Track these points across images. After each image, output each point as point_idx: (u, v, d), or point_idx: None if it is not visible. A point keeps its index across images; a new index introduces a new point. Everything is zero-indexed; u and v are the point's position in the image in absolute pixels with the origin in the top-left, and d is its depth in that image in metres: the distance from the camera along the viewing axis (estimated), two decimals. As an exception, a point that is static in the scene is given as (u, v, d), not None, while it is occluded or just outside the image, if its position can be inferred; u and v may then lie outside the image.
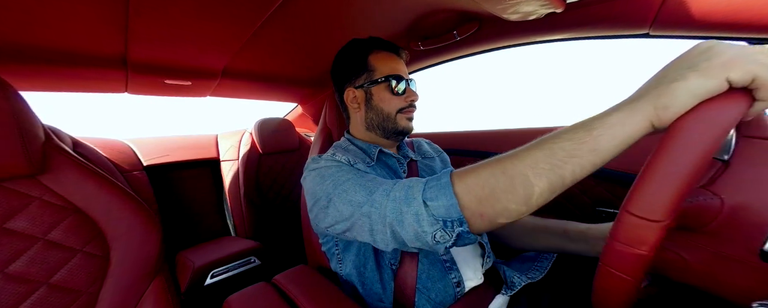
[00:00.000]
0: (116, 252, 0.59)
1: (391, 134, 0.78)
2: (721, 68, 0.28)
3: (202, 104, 1.76)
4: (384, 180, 0.56)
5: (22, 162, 0.52)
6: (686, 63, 0.31)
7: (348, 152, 0.74)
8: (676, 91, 0.30)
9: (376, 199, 0.51)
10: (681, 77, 0.30)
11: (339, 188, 0.58)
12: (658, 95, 0.31)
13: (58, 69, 0.98)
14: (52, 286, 0.53)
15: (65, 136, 1.01)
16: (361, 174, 0.60)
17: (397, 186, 0.51)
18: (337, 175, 0.61)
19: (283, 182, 1.69)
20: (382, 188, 0.52)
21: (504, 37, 1.02)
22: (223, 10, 0.79)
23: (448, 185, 0.44)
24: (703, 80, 0.29)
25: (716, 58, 0.29)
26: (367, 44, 0.78)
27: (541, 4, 0.76)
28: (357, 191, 0.55)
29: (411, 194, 0.47)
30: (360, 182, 0.56)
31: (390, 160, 0.80)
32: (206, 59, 1.10)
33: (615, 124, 0.32)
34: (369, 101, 0.77)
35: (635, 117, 0.32)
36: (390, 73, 0.75)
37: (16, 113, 0.51)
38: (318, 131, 1.00)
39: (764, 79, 0.28)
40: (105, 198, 0.59)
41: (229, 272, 1.30)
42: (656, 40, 0.76)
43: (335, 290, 0.69)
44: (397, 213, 0.48)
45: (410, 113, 0.78)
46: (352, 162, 0.69)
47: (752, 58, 0.28)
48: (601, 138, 0.33)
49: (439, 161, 0.91)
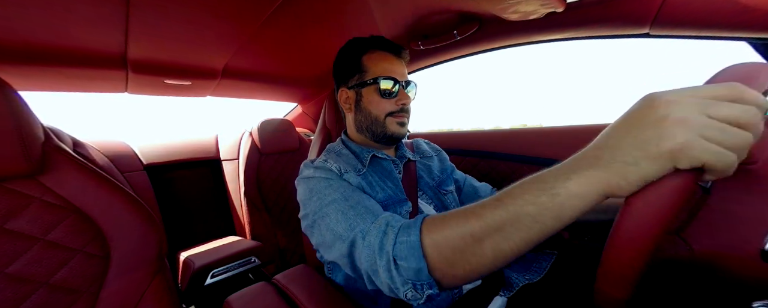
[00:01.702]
0: (116, 252, 0.59)
1: (380, 138, 0.76)
2: (670, 157, 0.29)
3: (202, 105, 1.76)
4: (366, 207, 0.55)
5: (21, 162, 0.52)
6: (640, 139, 0.31)
7: (340, 158, 0.73)
8: (629, 175, 0.31)
9: (356, 241, 0.51)
10: (634, 161, 0.31)
11: (323, 210, 0.59)
12: (614, 173, 0.32)
13: (58, 69, 0.98)
14: (52, 286, 0.53)
15: (65, 136, 1.01)
16: (345, 195, 0.59)
17: (373, 228, 0.50)
18: (324, 193, 0.61)
19: (283, 183, 1.70)
20: (360, 226, 0.52)
21: (504, 37, 1.02)
22: (223, 10, 0.79)
23: (417, 245, 0.43)
24: (653, 168, 0.30)
25: (667, 141, 0.29)
26: (363, 44, 0.76)
27: (541, 4, 0.76)
28: (339, 221, 0.55)
29: (384, 243, 0.47)
30: (342, 209, 0.56)
31: (384, 162, 0.78)
32: (206, 59, 1.10)
33: (574, 195, 0.34)
34: (359, 103, 0.76)
35: (593, 188, 0.33)
36: (381, 75, 0.72)
37: (15, 113, 0.51)
38: (317, 131, 1.00)
39: (712, 165, 0.28)
40: (105, 198, 0.59)
41: (230, 272, 1.30)
42: (656, 39, 0.76)
43: (335, 289, 0.69)
44: (371, 263, 0.48)
45: (401, 118, 0.74)
46: (343, 171, 0.68)
47: (703, 147, 0.28)
48: (563, 207, 0.34)
49: (437, 160, 0.90)
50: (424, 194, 0.79)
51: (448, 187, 0.84)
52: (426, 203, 0.78)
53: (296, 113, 2.01)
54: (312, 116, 1.94)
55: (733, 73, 0.33)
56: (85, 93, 1.26)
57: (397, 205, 0.71)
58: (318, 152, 0.93)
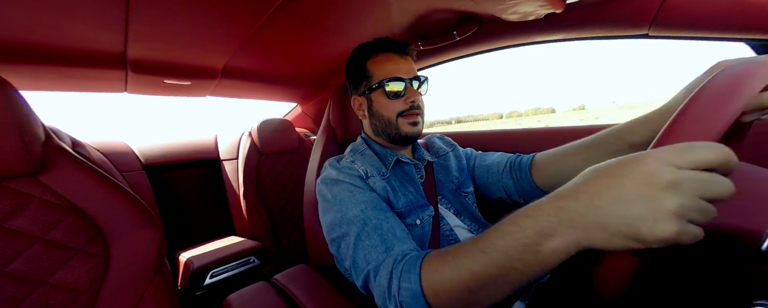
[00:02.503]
0: (116, 251, 0.59)
1: (396, 140, 0.77)
2: (658, 242, 0.29)
3: (202, 105, 1.76)
4: (382, 234, 0.59)
5: (22, 161, 0.52)
6: (632, 214, 0.30)
7: (365, 158, 0.75)
8: (613, 242, 0.32)
9: (369, 276, 0.56)
10: (620, 234, 0.31)
11: (344, 228, 0.62)
12: (598, 237, 0.33)
13: (58, 69, 0.98)
14: (52, 285, 0.53)
15: (65, 136, 1.01)
16: (366, 216, 0.62)
17: (383, 268, 0.54)
18: (346, 205, 0.64)
19: (283, 183, 1.69)
20: (375, 259, 0.56)
21: (504, 37, 1.02)
22: (223, 9, 0.79)
23: (420, 294, 0.47)
24: (639, 246, 0.31)
25: (660, 231, 0.29)
26: (367, 49, 0.76)
27: (540, 5, 0.76)
28: (357, 247, 0.59)
29: (392, 287, 0.51)
30: (361, 234, 0.60)
31: (406, 167, 0.79)
32: (206, 59, 1.10)
33: (555, 251, 0.36)
34: (371, 108, 0.77)
35: (573, 247, 0.35)
36: (385, 77, 0.72)
37: (16, 113, 0.51)
38: (321, 130, 0.99)
39: (682, 242, 0.29)
40: (105, 198, 0.59)
41: (229, 272, 1.30)
42: (655, 40, 0.77)
43: (335, 290, 0.69)
44: (382, 302, 0.53)
45: (412, 118, 0.74)
46: (369, 174, 0.69)
47: (688, 232, 0.28)
48: (547, 262, 0.37)
49: (452, 157, 0.89)
50: (444, 198, 0.81)
51: (467, 189, 0.85)
52: (445, 207, 0.80)
53: (296, 113, 2.01)
54: (312, 116, 1.94)
55: (732, 74, 0.34)
56: (85, 93, 1.26)
57: (418, 210, 0.72)
58: (321, 150, 0.93)
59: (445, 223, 0.76)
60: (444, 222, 0.76)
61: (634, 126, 0.58)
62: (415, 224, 0.71)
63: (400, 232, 0.60)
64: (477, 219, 0.81)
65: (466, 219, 0.79)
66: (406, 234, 0.61)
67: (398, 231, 0.60)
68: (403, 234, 0.61)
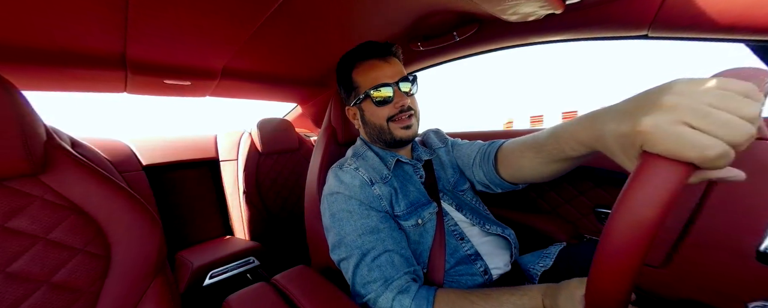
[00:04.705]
0: (117, 251, 0.59)
1: (391, 144, 0.78)
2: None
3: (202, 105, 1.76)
4: (379, 262, 0.63)
5: (23, 161, 0.52)
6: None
7: (366, 162, 0.76)
8: None
9: (368, 304, 0.63)
10: None
11: (342, 248, 0.67)
12: None
13: (58, 69, 0.98)
14: (53, 285, 0.53)
15: (64, 136, 1.00)
16: (361, 239, 0.66)
17: (382, 299, 0.60)
18: (343, 224, 0.68)
19: (283, 183, 1.69)
20: (374, 289, 0.62)
21: (503, 38, 1.03)
22: (223, 9, 0.79)
23: None
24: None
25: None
26: (350, 59, 0.77)
27: (540, 6, 0.76)
28: (355, 269, 0.65)
29: None
30: (364, 262, 0.64)
31: (406, 167, 0.81)
32: (206, 59, 1.10)
33: None
34: (363, 117, 0.79)
35: None
36: (370, 86, 0.73)
37: (18, 112, 0.51)
38: (322, 130, 1.00)
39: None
40: (106, 198, 0.59)
41: (228, 272, 1.30)
42: (655, 41, 0.77)
43: (335, 290, 0.69)
44: None
45: (403, 121, 0.74)
46: (373, 181, 0.71)
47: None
48: None
49: (444, 152, 0.91)
50: (445, 195, 0.82)
51: (462, 186, 0.86)
52: (447, 204, 0.81)
53: (296, 113, 2.01)
54: (311, 116, 1.94)
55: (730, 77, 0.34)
56: (84, 93, 1.26)
57: (421, 208, 0.74)
58: (323, 151, 0.93)
59: (449, 218, 0.78)
60: (448, 218, 0.78)
61: (574, 132, 0.52)
62: (417, 223, 0.72)
63: (399, 259, 0.64)
64: (478, 212, 0.83)
65: (468, 213, 0.81)
66: (403, 259, 0.64)
67: (396, 259, 0.63)
68: (401, 261, 0.64)
